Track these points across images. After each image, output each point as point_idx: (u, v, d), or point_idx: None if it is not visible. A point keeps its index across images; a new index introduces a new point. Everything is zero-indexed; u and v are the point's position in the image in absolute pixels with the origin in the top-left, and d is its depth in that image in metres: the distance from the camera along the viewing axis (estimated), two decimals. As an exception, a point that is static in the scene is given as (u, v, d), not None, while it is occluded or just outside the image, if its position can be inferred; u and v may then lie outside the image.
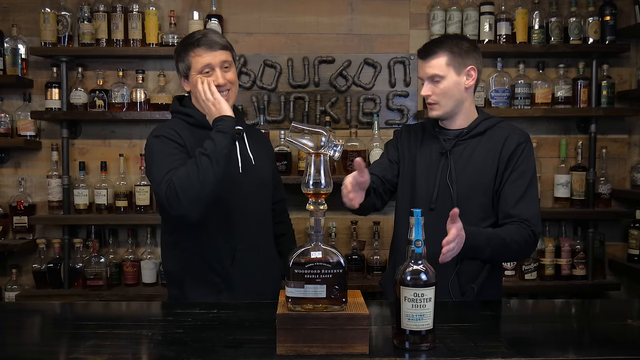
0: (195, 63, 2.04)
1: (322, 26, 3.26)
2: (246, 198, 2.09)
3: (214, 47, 2.04)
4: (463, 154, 2.04)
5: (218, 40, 2.07)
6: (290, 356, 1.38)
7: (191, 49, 2.05)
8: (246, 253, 2.07)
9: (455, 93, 2.03)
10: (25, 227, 3.19)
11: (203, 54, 2.04)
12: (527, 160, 2.02)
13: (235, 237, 2.06)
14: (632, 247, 3.21)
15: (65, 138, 3.16)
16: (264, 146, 2.28)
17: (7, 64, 3.13)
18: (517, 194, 1.97)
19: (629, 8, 3.24)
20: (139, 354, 1.41)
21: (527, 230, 1.93)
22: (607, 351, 1.45)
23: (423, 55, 2.03)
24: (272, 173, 2.27)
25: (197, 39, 2.06)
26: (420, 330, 1.41)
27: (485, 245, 1.85)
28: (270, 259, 2.19)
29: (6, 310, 1.97)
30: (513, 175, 2.00)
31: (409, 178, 2.12)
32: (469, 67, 2.03)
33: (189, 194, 1.87)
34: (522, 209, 1.95)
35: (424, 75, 2.04)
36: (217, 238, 2.04)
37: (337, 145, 1.54)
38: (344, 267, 1.41)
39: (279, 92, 3.24)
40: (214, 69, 2.04)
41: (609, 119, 3.30)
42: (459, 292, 2.01)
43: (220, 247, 2.04)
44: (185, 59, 2.07)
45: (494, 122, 2.08)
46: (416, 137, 2.16)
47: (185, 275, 2.07)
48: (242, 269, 2.06)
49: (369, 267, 3.19)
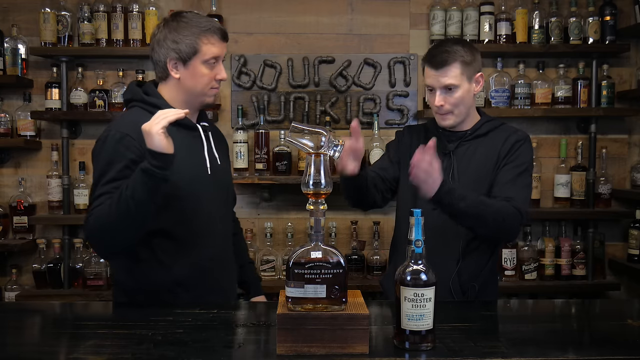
0: (207, 50, 1.84)
1: (322, 26, 3.26)
2: (214, 200, 1.94)
3: (225, 39, 1.90)
4: (465, 155, 2.05)
5: (226, 31, 1.92)
6: (290, 356, 1.38)
7: (204, 34, 1.84)
8: (214, 260, 1.92)
9: (468, 101, 2.03)
10: (25, 227, 3.18)
11: (217, 43, 1.86)
12: (523, 154, 2.03)
13: (204, 244, 1.89)
14: (632, 247, 3.20)
15: (65, 138, 3.16)
16: (224, 144, 2.11)
17: (7, 64, 3.13)
18: (505, 180, 1.98)
19: (629, 8, 3.24)
20: (139, 354, 1.40)
21: (510, 207, 1.91)
22: (607, 351, 1.45)
23: (437, 65, 1.98)
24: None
25: (210, 26, 1.85)
26: (420, 330, 1.41)
27: (463, 194, 1.84)
28: (232, 263, 2.06)
29: (6, 310, 1.97)
30: (506, 167, 2.01)
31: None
32: (478, 74, 2.04)
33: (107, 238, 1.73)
34: (508, 191, 1.95)
35: (437, 85, 2.00)
36: (183, 246, 1.87)
37: (337, 145, 1.54)
38: (344, 267, 1.41)
39: (279, 92, 3.24)
40: (218, 61, 1.89)
41: (609, 119, 3.30)
42: (460, 291, 2.01)
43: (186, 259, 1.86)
44: (191, 42, 1.83)
45: (496, 124, 2.10)
46: (419, 137, 2.16)
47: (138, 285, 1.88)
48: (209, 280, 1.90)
49: (369, 267, 3.18)
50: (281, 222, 3.25)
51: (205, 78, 1.87)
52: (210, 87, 1.89)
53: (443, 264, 1.73)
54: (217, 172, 1.96)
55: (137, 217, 1.70)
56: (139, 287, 1.88)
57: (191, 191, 1.87)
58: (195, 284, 1.88)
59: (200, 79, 1.87)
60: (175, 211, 1.85)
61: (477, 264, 2.03)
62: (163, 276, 1.86)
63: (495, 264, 2.11)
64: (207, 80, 1.88)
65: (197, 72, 1.86)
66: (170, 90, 1.91)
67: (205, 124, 1.97)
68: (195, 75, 1.86)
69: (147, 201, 1.67)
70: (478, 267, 2.03)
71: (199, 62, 1.85)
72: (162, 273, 1.86)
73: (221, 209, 1.99)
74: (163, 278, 1.86)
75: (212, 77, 1.88)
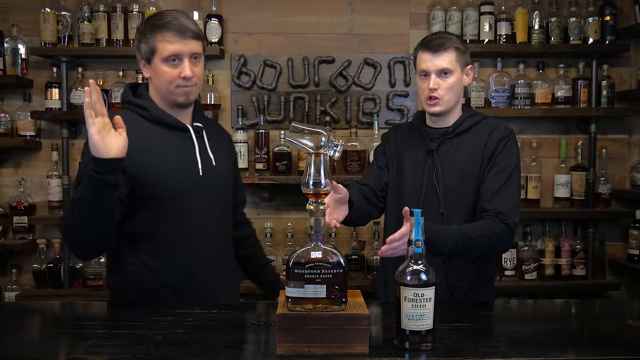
0: (162, 49, 1.81)
1: (322, 26, 3.26)
2: (205, 202, 1.90)
3: (185, 35, 1.81)
4: (448, 153, 2.05)
5: (191, 27, 1.83)
6: (290, 356, 1.37)
7: (159, 31, 1.81)
8: (203, 263, 1.88)
9: (458, 90, 2.05)
10: (25, 227, 3.18)
11: (173, 40, 1.80)
12: (509, 155, 2.01)
13: (190, 250, 1.86)
14: (632, 247, 3.20)
15: (65, 138, 3.16)
16: (225, 144, 2.08)
17: (7, 64, 3.13)
18: (494, 188, 1.97)
19: (629, 8, 3.24)
20: (139, 354, 1.40)
21: (500, 224, 1.91)
22: (607, 351, 1.44)
23: (435, 49, 2.00)
24: (233, 173, 2.09)
25: (167, 21, 1.81)
26: (420, 330, 1.40)
27: (445, 240, 1.84)
28: (228, 267, 2.02)
29: (6, 310, 1.96)
30: (493, 171, 2.00)
31: (396, 178, 2.12)
32: (468, 66, 2.07)
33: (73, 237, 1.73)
34: (498, 202, 1.95)
35: (432, 68, 2.00)
36: (169, 252, 1.84)
37: (337, 145, 1.54)
38: (344, 267, 1.41)
39: (279, 92, 3.24)
40: (182, 59, 1.82)
41: (609, 119, 3.30)
42: (447, 291, 2.01)
43: (171, 263, 1.85)
44: (149, 41, 1.82)
45: (478, 119, 2.09)
46: (403, 137, 2.17)
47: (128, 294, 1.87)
48: (198, 284, 1.88)
49: (369, 267, 3.19)
50: (281, 222, 3.25)
51: (167, 76, 1.83)
52: (175, 85, 1.84)
53: (430, 264, 1.72)
54: (211, 173, 1.92)
55: (91, 219, 1.66)
56: (128, 287, 1.87)
57: (177, 192, 1.84)
58: (182, 287, 1.86)
59: (163, 76, 1.84)
60: (159, 213, 1.83)
61: (464, 264, 2.02)
62: (148, 278, 1.84)
63: (487, 264, 2.10)
64: (170, 77, 1.83)
65: (159, 71, 1.84)
66: (151, 90, 1.93)
67: (199, 125, 1.94)
68: (157, 73, 1.85)
69: (95, 203, 1.63)
70: (465, 267, 2.03)
71: (158, 61, 1.83)
72: (148, 275, 1.84)
73: (213, 211, 1.93)
74: (148, 280, 1.84)
75: (176, 75, 1.83)
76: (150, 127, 1.87)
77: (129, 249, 1.85)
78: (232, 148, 2.17)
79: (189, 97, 1.87)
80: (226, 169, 2.01)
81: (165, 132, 1.86)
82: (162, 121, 1.87)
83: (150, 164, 1.81)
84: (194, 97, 1.90)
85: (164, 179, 1.82)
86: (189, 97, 1.88)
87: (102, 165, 1.59)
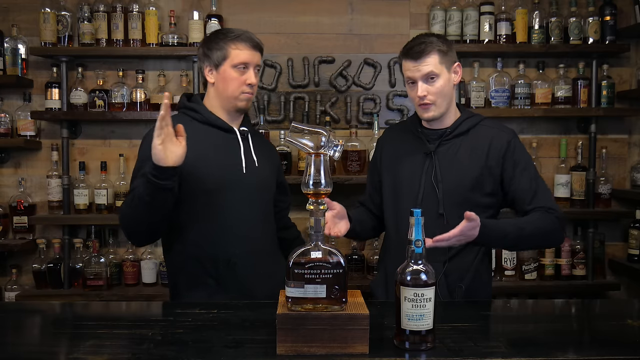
0: (235, 56, 2.03)
1: (322, 26, 3.26)
2: (247, 199, 2.06)
3: (255, 47, 2.06)
4: (447, 154, 2.04)
5: (258, 42, 2.09)
6: (290, 356, 1.38)
7: (232, 41, 2.04)
8: (244, 257, 2.02)
9: (448, 91, 2.03)
10: (25, 227, 3.18)
11: (245, 49, 2.04)
12: (522, 152, 2.06)
13: (232, 240, 2.01)
14: (632, 247, 3.21)
15: (65, 138, 3.16)
16: (268, 152, 2.24)
17: (7, 64, 3.13)
18: (530, 191, 2.01)
19: (629, 8, 3.24)
20: (139, 354, 1.41)
21: (550, 218, 1.97)
22: (607, 351, 1.45)
23: (416, 56, 1.98)
24: (276, 178, 2.23)
25: (240, 34, 2.05)
26: (420, 330, 1.41)
27: (502, 238, 1.91)
28: (271, 263, 2.12)
29: (6, 310, 1.97)
30: (517, 173, 2.02)
31: (393, 180, 2.12)
32: (455, 64, 2.05)
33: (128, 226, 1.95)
34: (540, 201, 2.00)
35: (417, 75, 1.99)
36: (212, 242, 2.01)
37: (337, 145, 1.54)
38: (344, 267, 1.41)
39: (279, 92, 3.24)
40: (248, 68, 2.05)
41: (609, 119, 3.30)
42: (447, 292, 2.01)
43: (215, 251, 2.00)
44: (223, 48, 2.04)
45: (476, 121, 2.09)
46: (399, 138, 2.17)
47: (178, 277, 2.06)
48: (239, 273, 2.01)
49: (369, 267, 3.18)
50: (281, 222, 3.25)
51: (235, 82, 2.04)
52: (241, 91, 2.05)
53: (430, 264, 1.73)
54: (253, 172, 2.08)
55: (145, 215, 1.87)
56: (177, 272, 2.07)
57: (221, 187, 2.01)
58: (222, 276, 2.00)
59: (231, 82, 2.04)
60: (205, 205, 2.00)
61: (464, 265, 2.03)
62: (193, 265, 2.02)
63: (486, 265, 2.10)
64: (237, 84, 2.04)
65: (227, 76, 2.04)
66: (209, 97, 2.12)
67: (245, 129, 2.12)
68: (225, 79, 2.04)
69: (151, 203, 1.83)
70: (465, 268, 2.03)
71: (228, 67, 2.03)
72: (192, 262, 2.02)
73: (254, 207, 2.08)
74: (193, 267, 2.02)
75: (243, 81, 2.04)
76: (201, 127, 2.06)
77: (177, 237, 2.03)
78: (276, 157, 2.32)
79: (249, 103, 2.09)
80: (267, 171, 2.16)
81: (213, 132, 2.06)
82: (212, 123, 2.07)
83: (199, 160, 1.98)
84: (250, 103, 2.11)
85: (210, 174, 2.01)
86: (249, 103, 2.09)
87: (160, 171, 1.78)
